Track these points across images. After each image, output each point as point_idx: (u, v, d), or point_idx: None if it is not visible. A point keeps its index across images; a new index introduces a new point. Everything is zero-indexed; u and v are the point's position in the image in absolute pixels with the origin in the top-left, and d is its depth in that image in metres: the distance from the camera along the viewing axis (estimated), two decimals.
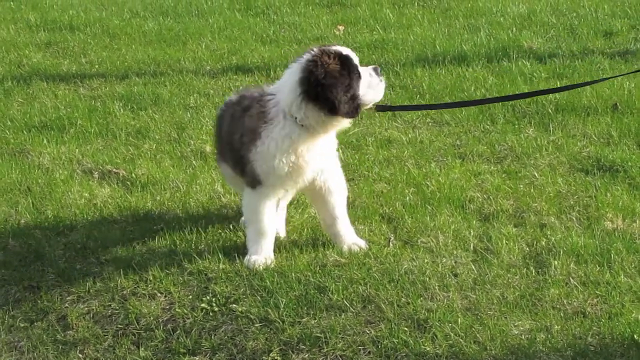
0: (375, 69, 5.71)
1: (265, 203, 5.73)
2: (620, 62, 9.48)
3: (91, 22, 12.29)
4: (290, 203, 6.46)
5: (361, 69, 5.63)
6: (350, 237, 5.88)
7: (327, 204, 5.83)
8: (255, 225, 5.77)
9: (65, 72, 10.15)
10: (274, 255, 5.77)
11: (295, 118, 5.52)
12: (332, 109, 5.49)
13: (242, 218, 6.12)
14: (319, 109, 5.50)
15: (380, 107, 6.16)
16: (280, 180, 5.66)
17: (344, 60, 5.56)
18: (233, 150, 5.84)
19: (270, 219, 5.77)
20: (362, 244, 5.87)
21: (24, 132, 8.32)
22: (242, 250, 5.85)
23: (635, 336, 4.78)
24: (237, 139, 5.75)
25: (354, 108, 5.55)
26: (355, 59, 5.63)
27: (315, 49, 5.60)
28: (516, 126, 7.93)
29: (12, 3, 13.62)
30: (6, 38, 11.77)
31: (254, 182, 5.70)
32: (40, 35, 11.84)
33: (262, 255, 5.74)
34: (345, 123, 5.71)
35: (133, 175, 7.21)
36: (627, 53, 9.82)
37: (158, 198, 6.77)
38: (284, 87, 5.64)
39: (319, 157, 5.69)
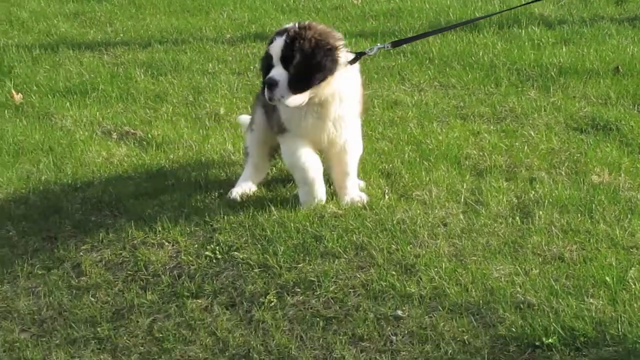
0: (272, 81, 5.64)
1: (300, 147, 5.92)
2: (628, 28, 9.66)
3: None
4: None
5: (276, 69, 5.68)
6: (353, 192, 6.11)
7: (341, 162, 6.06)
8: (297, 173, 5.99)
9: (90, 41, 10.53)
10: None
11: None
12: None
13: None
14: None
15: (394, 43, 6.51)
16: (305, 131, 5.90)
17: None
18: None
19: (311, 163, 5.94)
20: (364, 197, 6.07)
21: (49, 96, 8.69)
22: (246, 203, 6.09)
23: (607, 278, 5.02)
24: None
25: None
26: (274, 48, 5.69)
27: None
28: (519, 89, 8.18)
29: None
30: (36, 9, 12.20)
31: (279, 129, 5.97)
32: (69, 6, 12.30)
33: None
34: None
35: (149, 135, 7.52)
36: (635, 19, 10.00)
37: (171, 156, 7.07)
38: None
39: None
